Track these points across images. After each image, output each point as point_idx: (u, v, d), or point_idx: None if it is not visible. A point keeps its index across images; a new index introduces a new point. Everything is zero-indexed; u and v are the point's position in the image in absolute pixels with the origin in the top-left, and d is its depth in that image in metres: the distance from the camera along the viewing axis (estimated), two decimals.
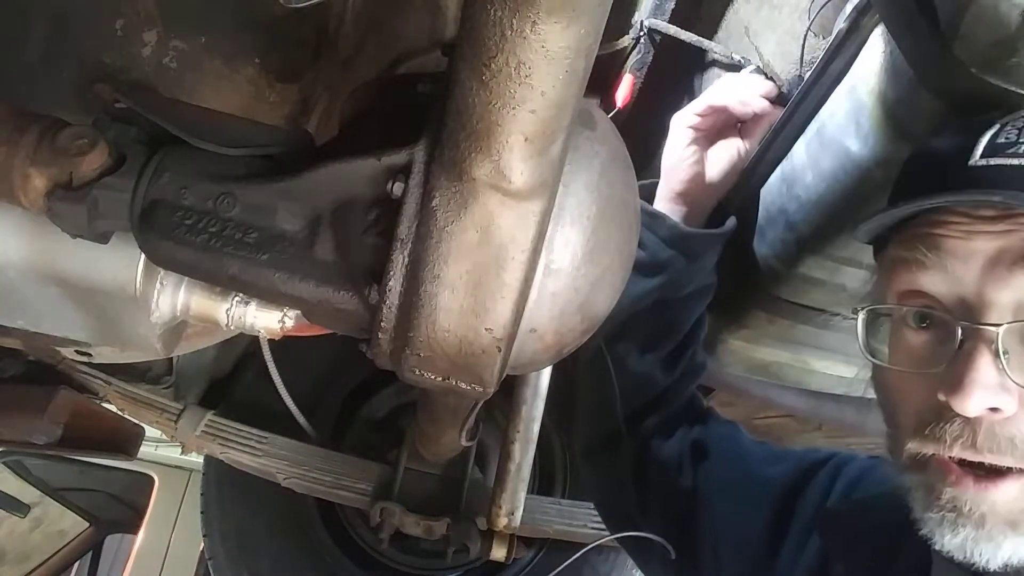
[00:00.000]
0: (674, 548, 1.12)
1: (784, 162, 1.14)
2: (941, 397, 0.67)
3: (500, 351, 0.65)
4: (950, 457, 0.69)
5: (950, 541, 0.69)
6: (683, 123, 1.14)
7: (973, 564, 0.68)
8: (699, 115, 1.14)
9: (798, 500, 1.03)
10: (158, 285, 0.75)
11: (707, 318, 1.24)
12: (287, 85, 0.99)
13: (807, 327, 1.28)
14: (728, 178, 1.17)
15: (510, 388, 1.86)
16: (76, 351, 1.20)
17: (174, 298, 0.76)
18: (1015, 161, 0.68)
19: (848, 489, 1.02)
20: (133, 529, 4.47)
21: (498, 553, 1.96)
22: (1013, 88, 0.77)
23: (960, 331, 0.68)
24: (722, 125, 1.16)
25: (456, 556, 2.22)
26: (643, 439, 1.18)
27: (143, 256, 0.71)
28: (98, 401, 1.94)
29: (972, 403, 0.65)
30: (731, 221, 1.16)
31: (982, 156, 0.70)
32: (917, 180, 0.78)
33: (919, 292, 0.73)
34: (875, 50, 0.92)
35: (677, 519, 1.14)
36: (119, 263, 0.72)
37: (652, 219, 1.13)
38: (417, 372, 0.68)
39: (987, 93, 0.77)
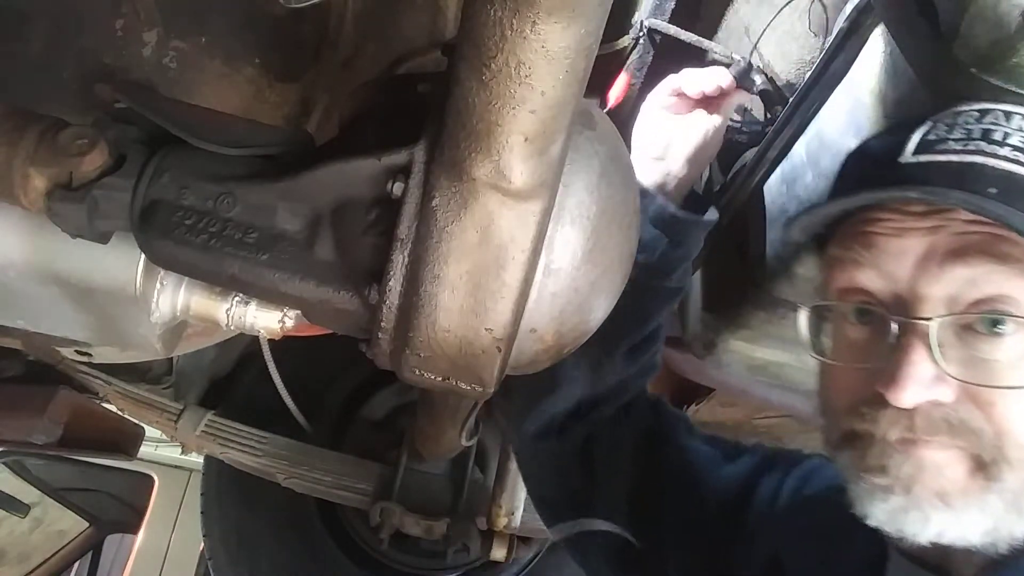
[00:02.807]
0: (625, 539, 1.10)
1: (784, 162, 1.14)
2: (879, 389, 0.69)
3: (500, 351, 0.65)
4: (883, 436, 0.70)
5: (880, 509, 0.70)
6: (655, 103, 1.13)
7: (903, 538, 0.69)
8: (670, 94, 1.13)
9: (751, 496, 1.04)
10: (158, 285, 0.75)
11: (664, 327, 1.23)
12: (287, 85, 0.99)
13: None
14: (701, 151, 1.13)
15: (510, 388, 1.85)
16: (76, 351, 1.20)
17: (174, 298, 0.76)
18: (943, 158, 0.70)
19: (799, 486, 1.03)
20: (133, 529, 4.47)
21: (498, 553, 1.97)
22: (1013, 88, 0.77)
23: (895, 326, 0.70)
24: (692, 104, 1.15)
25: (456, 556, 2.22)
26: (592, 428, 1.17)
27: (143, 256, 0.71)
28: (98, 401, 1.94)
29: (907, 396, 0.67)
30: (712, 211, 1.14)
31: (913, 153, 0.72)
32: (850, 178, 0.80)
33: (858, 289, 0.75)
34: (875, 50, 0.92)
35: (628, 509, 1.12)
36: (119, 263, 0.72)
37: (641, 197, 1.10)
38: (417, 372, 0.68)
39: (987, 93, 0.77)
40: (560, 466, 1.20)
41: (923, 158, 0.71)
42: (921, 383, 0.67)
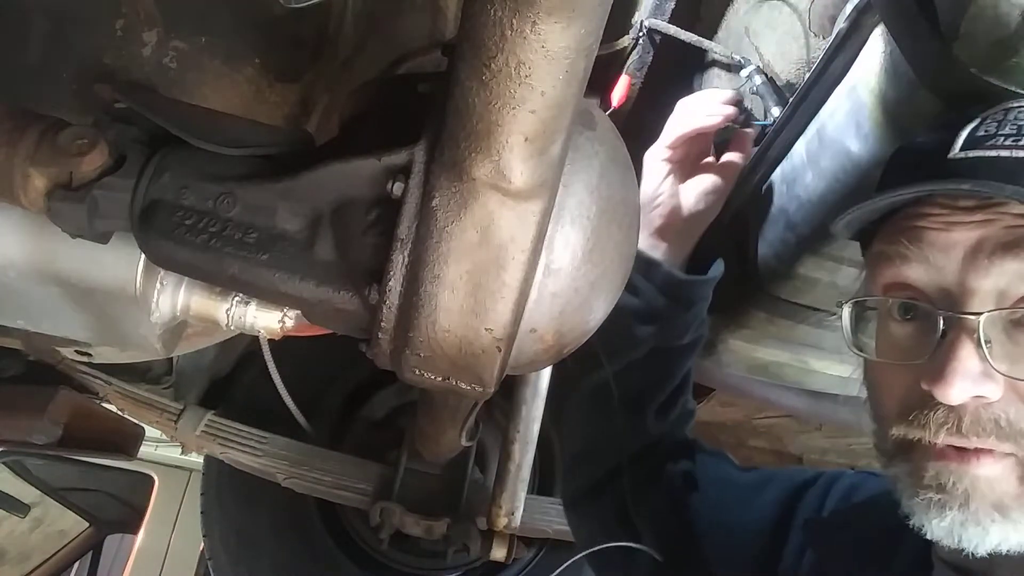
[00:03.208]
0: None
1: (784, 162, 1.14)
2: (925, 387, 0.68)
3: (500, 351, 0.65)
4: (934, 443, 0.69)
5: (937, 525, 0.68)
6: (656, 157, 1.13)
7: (963, 550, 0.68)
8: (670, 147, 1.13)
9: (791, 520, 1.03)
10: (158, 285, 0.75)
11: (694, 368, 1.23)
12: (287, 85, 0.99)
13: (807, 327, 1.28)
14: (707, 210, 1.15)
15: (510, 388, 1.86)
16: (76, 351, 1.20)
17: (174, 298, 0.76)
18: (993, 153, 0.69)
19: (845, 496, 1.02)
20: (133, 529, 4.47)
21: (498, 553, 1.96)
22: (1013, 88, 0.77)
23: (942, 321, 0.69)
24: (696, 155, 1.15)
25: (456, 556, 2.22)
26: (631, 485, 1.18)
27: (143, 256, 0.71)
28: (98, 401, 1.94)
29: (954, 392, 0.65)
30: (719, 264, 1.15)
31: (961, 149, 0.71)
32: (898, 174, 0.79)
33: (903, 284, 0.74)
34: (875, 50, 0.92)
35: (670, 556, 1.12)
36: (119, 263, 0.72)
37: (647, 266, 1.11)
38: (417, 372, 0.68)
39: (987, 93, 0.77)
40: (603, 525, 1.22)
41: (972, 153, 0.70)
42: (968, 378, 0.65)
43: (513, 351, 0.67)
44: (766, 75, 1.20)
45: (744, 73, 1.22)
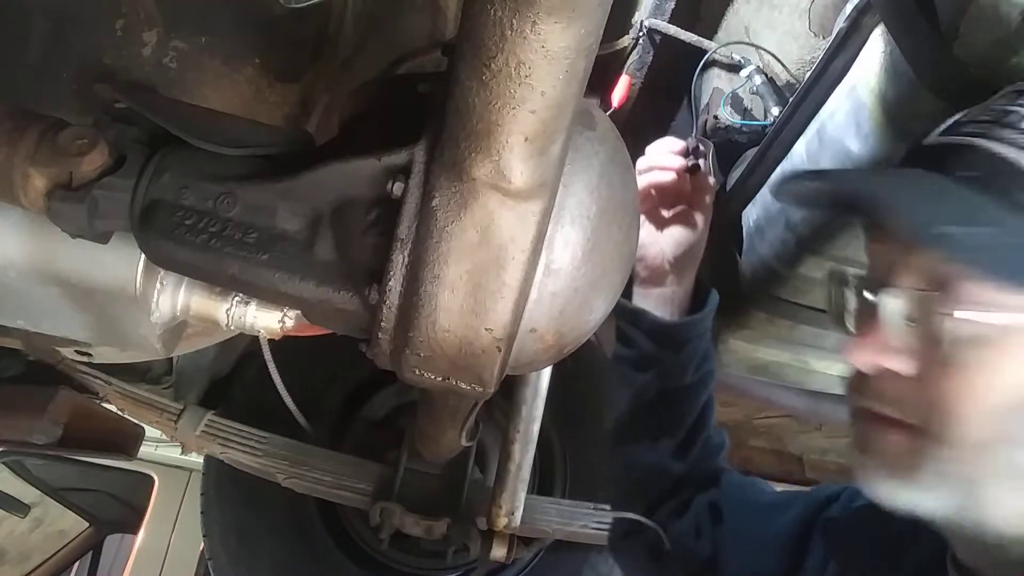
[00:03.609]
0: None
1: (784, 162, 1.14)
2: (844, 355, 0.71)
3: (500, 351, 0.65)
4: (862, 407, 0.72)
5: (862, 483, 0.71)
6: None
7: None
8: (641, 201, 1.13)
9: (813, 532, 1.04)
10: (158, 285, 0.75)
11: (715, 402, 1.24)
12: (287, 85, 0.99)
13: (807, 327, 1.28)
14: (691, 250, 1.15)
15: (510, 388, 1.86)
16: (76, 351, 1.20)
17: (174, 298, 0.76)
18: (954, 139, 0.69)
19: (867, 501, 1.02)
20: (133, 529, 4.47)
21: (498, 553, 1.96)
22: None
23: (872, 294, 0.71)
24: (665, 203, 1.15)
25: (456, 556, 2.22)
26: (660, 523, 1.19)
27: (143, 256, 0.71)
28: (98, 401, 1.94)
29: (863, 358, 0.69)
30: (712, 299, 1.16)
31: (939, 135, 0.72)
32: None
33: (872, 260, 0.76)
34: (875, 50, 0.93)
35: None
36: (119, 263, 0.72)
37: (633, 316, 1.13)
38: (417, 372, 0.68)
39: (987, 93, 0.77)
40: (636, 569, 1.26)
41: (943, 139, 0.71)
42: (879, 348, 0.68)
43: (513, 351, 0.67)
44: (766, 75, 1.20)
45: (744, 73, 1.23)
